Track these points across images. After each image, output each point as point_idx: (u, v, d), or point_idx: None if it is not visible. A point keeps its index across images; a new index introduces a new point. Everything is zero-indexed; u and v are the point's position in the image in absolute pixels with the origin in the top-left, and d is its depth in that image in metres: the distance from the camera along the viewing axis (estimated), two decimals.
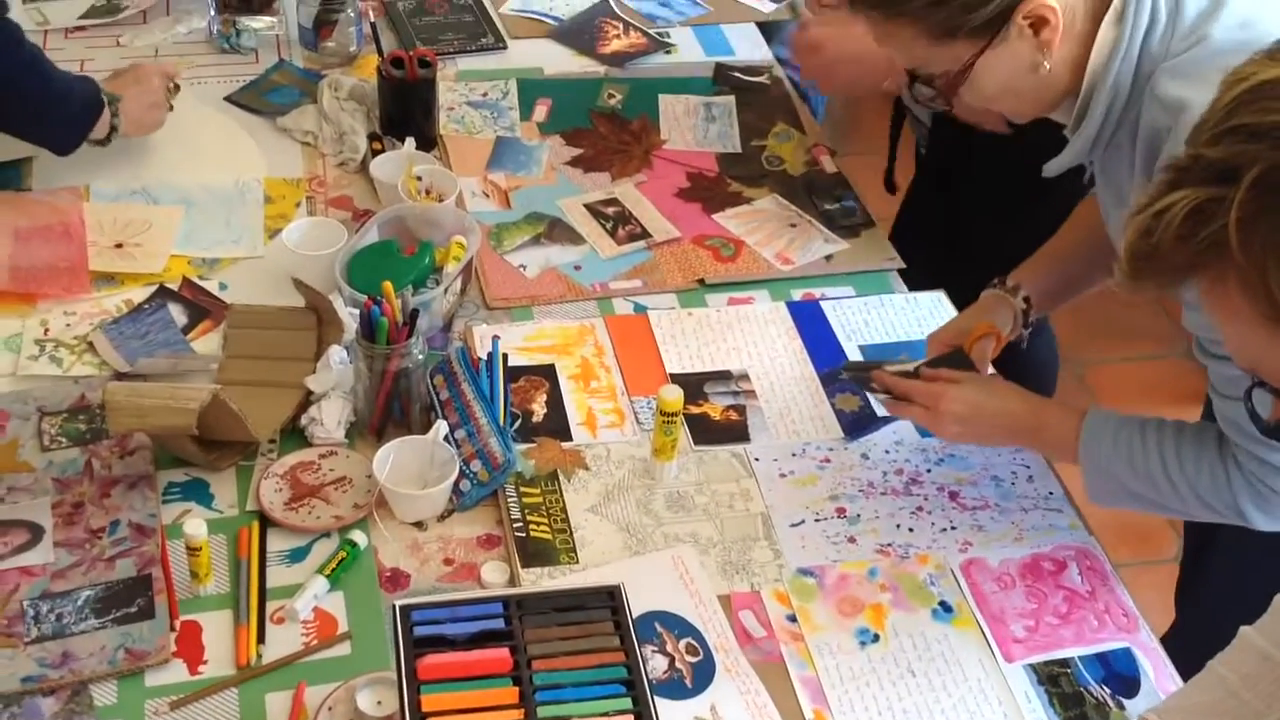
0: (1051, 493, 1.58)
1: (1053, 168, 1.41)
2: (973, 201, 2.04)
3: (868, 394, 1.63)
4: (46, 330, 1.67)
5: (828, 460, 1.60)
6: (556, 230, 1.92)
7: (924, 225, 2.17)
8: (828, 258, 1.90)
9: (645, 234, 1.92)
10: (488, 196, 1.97)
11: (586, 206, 1.96)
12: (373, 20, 2.11)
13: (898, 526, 1.52)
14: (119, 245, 1.79)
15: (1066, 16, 1.28)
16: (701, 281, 1.85)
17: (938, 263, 1.93)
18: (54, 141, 1.83)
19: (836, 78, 1.97)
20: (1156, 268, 0.95)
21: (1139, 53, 1.28)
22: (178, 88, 1.98)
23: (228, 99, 2.09)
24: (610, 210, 1.96)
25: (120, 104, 1.85)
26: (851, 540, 1.51)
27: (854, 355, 1.74)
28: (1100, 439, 1.40)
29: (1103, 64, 1.30)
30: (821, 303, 1.83)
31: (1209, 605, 1.80)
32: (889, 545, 1.50)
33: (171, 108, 1.96)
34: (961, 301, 1.74)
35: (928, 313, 1.81)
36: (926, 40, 1.32)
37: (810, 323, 1.79)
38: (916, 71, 1.38)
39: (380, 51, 2.02)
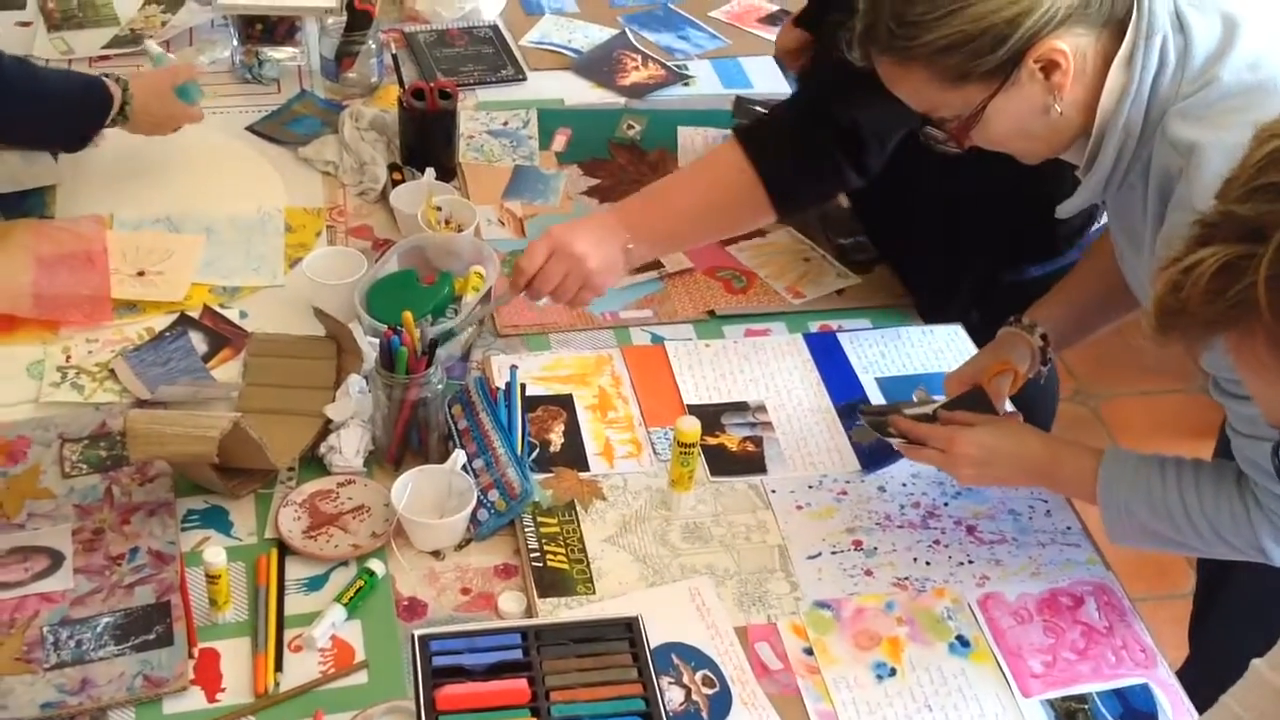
0: (1069, 527, 1.58)
1: (1065, 210, 1.42)
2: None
3: (884, 438, 1.62)
4: (69, 357, 1.68)
5: (844, 493, 1.60)
6: None
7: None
8: (839, 292, 1.91)
9: (657, 264, 1.93)
10: (502, 224, 1.99)
11: None
12: (394, 52, 2.13)
13: (915, 560, 1.52)
14: (141, 273, 1.80)
15: (1077, 60, 1.29)
16: (712, 313, 1.86)
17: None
18: (63, 138, 1.84)
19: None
20: (1185, 323, 0.95)
21: (1149, 95, 1.29)
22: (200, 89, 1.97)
23: (250, 129, 2.11)
24: None
25: (132, 88, 1.84)
26: (868, 573, 1.51)
27: (871, 387, 1.75)
28: (1119, 479, 1.40)
29: (1113, 107, 1.30)
30: (838, 335, 1.83)
31: (1223, 638, 1.80)
32: (906, 579, 1.50)
33: (201, 116, 1.95)
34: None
35: (944, 345, 1.81)
36: (938, 85, 1.33)
37: (827, 355, 1.80)
38: (929, 115, 1.38)
39: (401, 83, 2.04)
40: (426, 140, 2.01)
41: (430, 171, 1.94)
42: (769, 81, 2.35)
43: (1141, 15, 1.29)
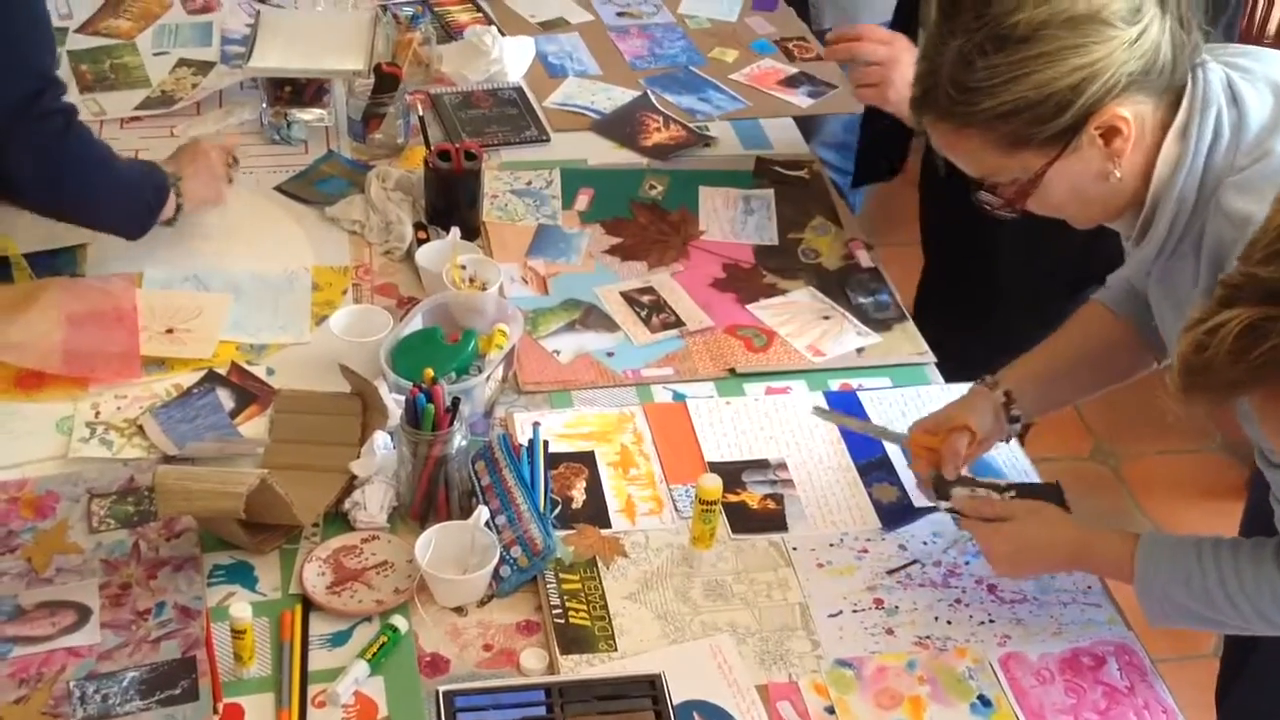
0: (1090, 587, 1.58)
1: (1116, 279, 1.43)
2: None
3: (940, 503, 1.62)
4: (97, 413, 1.70)
5: (865, 550, 1.61)
6: (591, 317, 1.95)
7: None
8: (859, 350, 1.92)
9: (679, 322, 1.94)
10: (526, 283, 2.01)
11: (622, 294, 1.99)
12: (420, 113, 2.16)
13: (936, 619, 1.53)
14: (170, 331, 1.83)
15: (1137, 126, 1.29)
16: (732, 371, 1.87)
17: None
18: (126, 229, 1.89)
19: (895, 91, 1.97)
20: (1209, 383, 0.96)
21: (1203, 167, 1.29)
22: (237, 161, 2.05)
23: (278, 189, 2.14)
24: (645, 298, 1.99)
25: (182, 184, 1.91)
26: (889, 632, 1.51)
27: (891, 447, 1.75)
28: (1156, 565, 1.40)
29: (1167, 178, 1.31)
30: (859, 393, 1.84)
31: (1252, 704, 1.79)
32: (927, 638, 1.50)
33: (231, 180, 2.02)
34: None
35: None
36: (995, 150, 1.32)
37: (847, 412, 1.80)
38: (984, 180, 1.38)
39: (427, 144, 2.07)
40: (451, 200, 2.04)
41: (455, 231, 1.97)
42: (788, 143, 2.38)
43: (1196, 87, 1.30)
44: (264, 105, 2.27)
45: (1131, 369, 1.62)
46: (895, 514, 1.65)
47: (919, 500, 1.65)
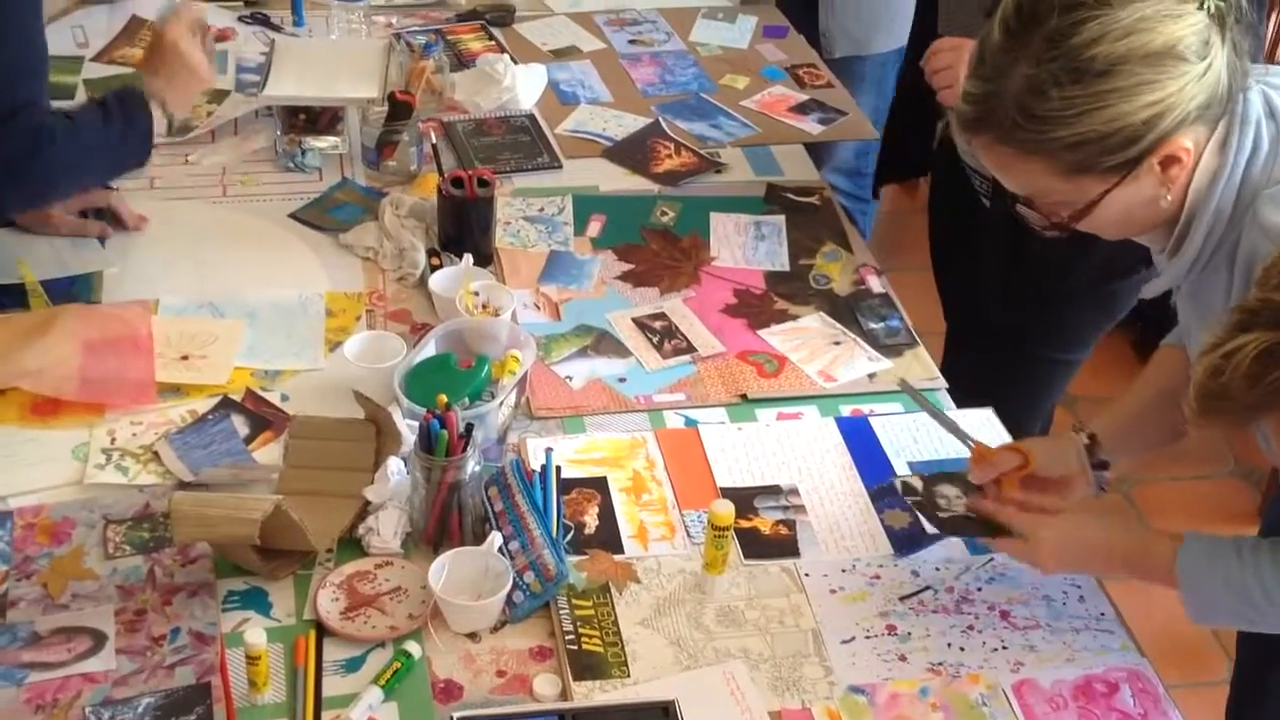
0: (1103, 613, 1.58)
1: (1149, 291, 1.44)
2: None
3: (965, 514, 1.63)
4: (113, 439, 1.71)
5: (878, 577, 1.61)
6: (604, 343, 1.96)
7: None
8: (871, 376, 1.93)
9: (690, 348, 1.95)
10: (539, 309, 2.02)
11: (634, 320, 2.00)
12: (433, 141, 2.18)
13: (949, 645, 1.53)
14: (185, 357, 1.84)
15: (1194, 153, 1.31)
16: (744, 396, 1.88)
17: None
18: (132, 169, 1.94)
19: None
20: (1226, 407, 0.97)
21: (1241, 180, 1.31)
22: (208, 30, 2.00)
23: (292, 215, 2.16)
24: (657, 324, 2.00)
25: (165, 94, 1.90)
26: (902, 658, 1.51)
27: (903, 471, 1.76)
28: (1198, 564, 1.40)
29: (1205, 190, 1.32)
30: (870, 419, 1.85)
31: None
32: (940, 664, 1.50)
33: (212, 56, 2.00)
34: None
35: (976, 430, 1.82)
36: (1055, 176, 1.32)
37: (859, 438, 1.81)
38: (1031, 199, 1.38)
39: (440, 171, 2.09)
40: (464, 227, 2.05)
41: (468, 257, 1.98)
42: (799, 169, 2.39)
43: (1236, 103, 1.31)
44: (279, 133, 2.28)
45: None
46: (907, 540, 1.66)
47: (931, 526, 1.65)
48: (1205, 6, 1.27)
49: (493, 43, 2.70)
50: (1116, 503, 3.13)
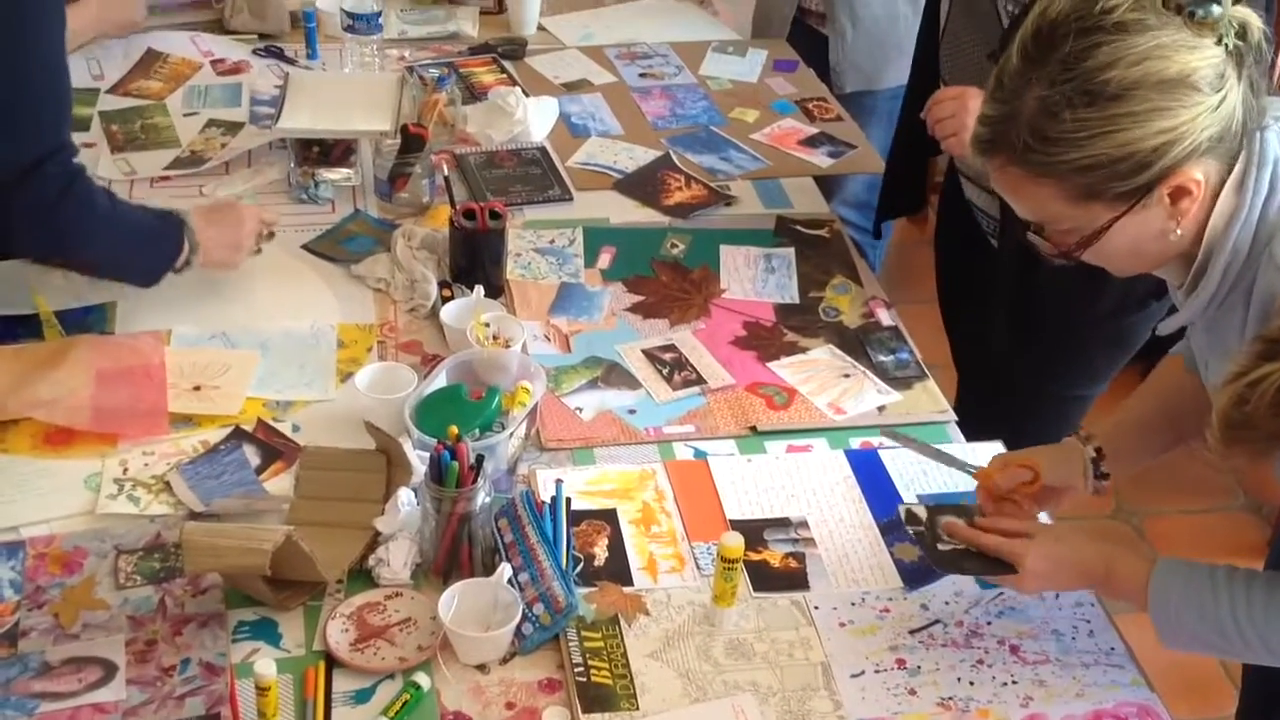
0: (1113, 648, 1.58)
1: (1165, 327, 1.44)
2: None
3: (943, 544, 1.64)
4: (125, 469, 1.72)
5: (887, 610, 1.61)
6: (614, 374, 1.96)
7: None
8: (880, 408, 1.93)
9: (700, 380, 1.96)
10: (549, 340, 2.03)
11: (644, 352, 2.01)
12: (445, 173, 2.19)
13: (958, 679, 1.52)
14: (197, 388, 1.85)
15: (1204, 187, 1.31)
16: (754, 429, 1.88)
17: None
18: (132, 280, 1.93)
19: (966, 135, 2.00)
20: (1249, 436, 0.97)
21: (1258, 220, 1.31)
22: (271, 235, 2.08)
23: (305, 247, 2.17)
24: (667, 356, 2.00)
25: (200, 240, 1.92)
26: (912, 692, 1.50)
27: (912, 504, 1.76)
28: (1170, 588, 1.41)
29: (1222, 229, 1.32)
30: (880, 451, 1.85)
31: None
32: (950, 699, 1.50)
33: (259, 251, 2.05)
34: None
35: (986, 462, 1.82)
36: (1065, 201, 1.33)
37: (868, 471, 1.81)
38: (1041, 226, 1.39)
39: (452, 203, 2.10)
40: (476, 258, 2.06)
41: (479, 289, 1.99)
42: (808, 202, 2.40)
43: (1253, 142, 1.32)
44: (292, 165, 2.30)
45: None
46: (917, 573, 1.66)
47: (928, 559, 1.65)
48: (1224, 43, 1.28)
49: (505, 76, 2.72)
50: (1126, 535, 3.13)
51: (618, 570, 1.64)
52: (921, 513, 1.66)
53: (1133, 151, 1.28)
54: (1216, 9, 1.27)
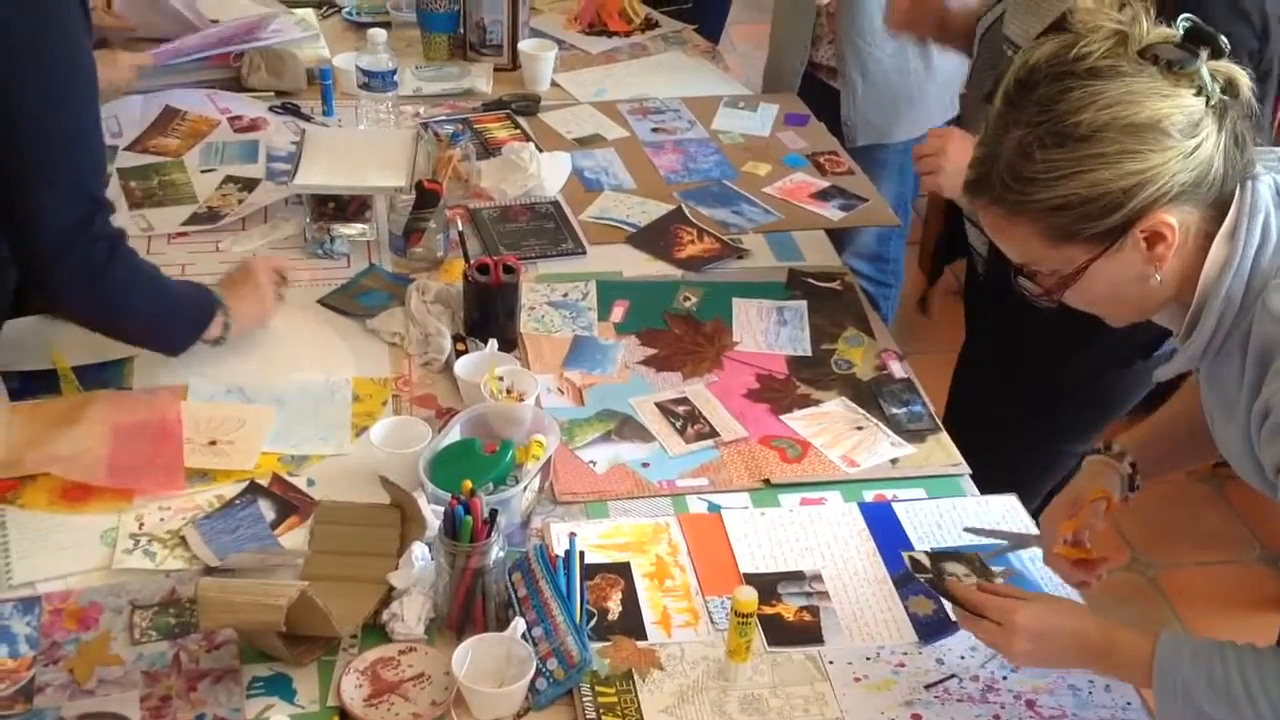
0: (1129, 703, 1.57)
1: (1163, 373, 1.45)
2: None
3: (941, 599, 1.64)
4: (141, 524, 1.72)
5: (902, 665, 1.60)
6: (627, 428, 1.97)
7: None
8: (894, 461, 1.93)
9: (713, 433, 1.96)
10: (562, 393, 2.03)
11: (657, 405, 2.02)
12: (460, 228, 2.21)
13: None
14: (213, 443, 1.85)
15: (1181, 234, 1.33)
16: (767, 481, 1.88)
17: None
18: (164, 348, 1.95)
19: (947, 179, 2.05)
20: None
21: (1250, 268, 1.33)
22: (286, 279, 2.11)
23: (320, 301, 2.19)
24: (680, 409, 2.01)
25: (231, 307, 1.96)
26: None
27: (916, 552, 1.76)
28: (1177, 661, 1.39)
29: (1215, 278, 1.34)
30: (893, 504, 1.85)
31: None
32: None
33: (282, 297, 2.08)
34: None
35: (1000, 516, 1.83)
36: (1043, 241, 1.36)
37: (882, 524, 1.81)
38: (1025, 267, 1.42)
39: (466, 257, 2.12)
40: (490, 312, 2.08)
41: (493, 342, 2.00)
42: (820, 255, 2.41)
43: (1245, 193, 1.34)
44: (308, 220, 2.32)
45: None
46: (932, 627, 1.65)
47: (954, 614, 1.64)
48: (1206, 95, 1.30)
49: (518, 131, 2.75)
50: (1140, 587, 3.11)
51: (631, 624, 1.64)
52: (925, 559, 1.66)
53: (1103, 193, 1.31)
54: (1193, 62, 1.30)
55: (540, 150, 2.57)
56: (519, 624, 1.54)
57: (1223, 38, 1.32)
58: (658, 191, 2.56)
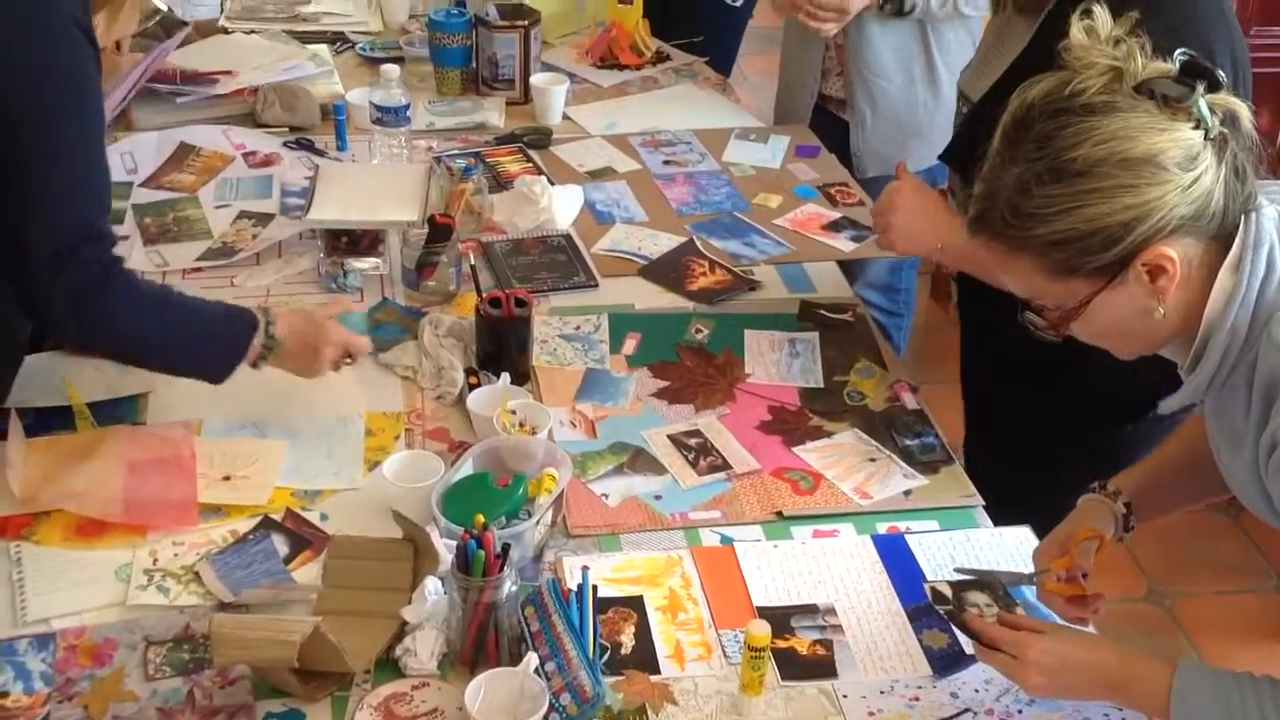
0: None
1: (1168, 405, 1.46)
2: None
3: (955, 630, 1.64)
4: (155, 560, 1.73)
5: (917, 698, 1.59)
6: (639, 460, 1.97)
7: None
8: (906, 493, 1.93)
9: (726, 465, 1.96)
10: (575, 426, 2.04)
11: (670, 437, 2.02)
12: (472, 261, 2.22)
13: None
14: (227, 478, 1.86)
15: (1183, 267, 1.33)
16: (780, 514, 1.88)
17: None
18: (203, 373, 1.89)
19: (897, 236, 2.08)
20: None
21: (1255, 300, 1.33)
22: (352, 360, 2.01)
23: None
24: (693, 441, 2.01)
25: (283, 349, 1.90)
26: None
27: (941, 590, 1.75)
28: (1195, 691, 1.39)
29: (1219, 310, 1.34)
30: (906, 536, 1.85)
31: None
32: None
33: (337, 369, 1.99)
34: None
35: (1013, 548, 1.82)
36: (1044, 275, 1.37)
37: (895, 556, 1.81)
38: (1030, 301, 1.43)
39: (479, 291, 2.13)
40: (502, 346, 2.08)
41: (505, 376, 2.01)
42: (832, 286, 2.42)
43: (1249, 225, 1.34)
44: (321, 255, 2.33)
45: None
46: (946, 660, 1.64)
47: (969, 647, 1.64)
48: (1205, 128, 1.31)
49: (530, 164, 2.76)
50: (1157, 618, 3.09)
51: (644, 658, 1.63)
52: (946, 590, 1.65)
53: (1101, 227, 1.32)
54: (1190, 96, 1.31)
55: (552, 183, 2.59)
56: (532, 659, 1.54)
57: (1220, 72, 1.33)
58: (669, 224, 2.57)
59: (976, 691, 1.60)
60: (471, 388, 2.03)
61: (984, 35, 2.12)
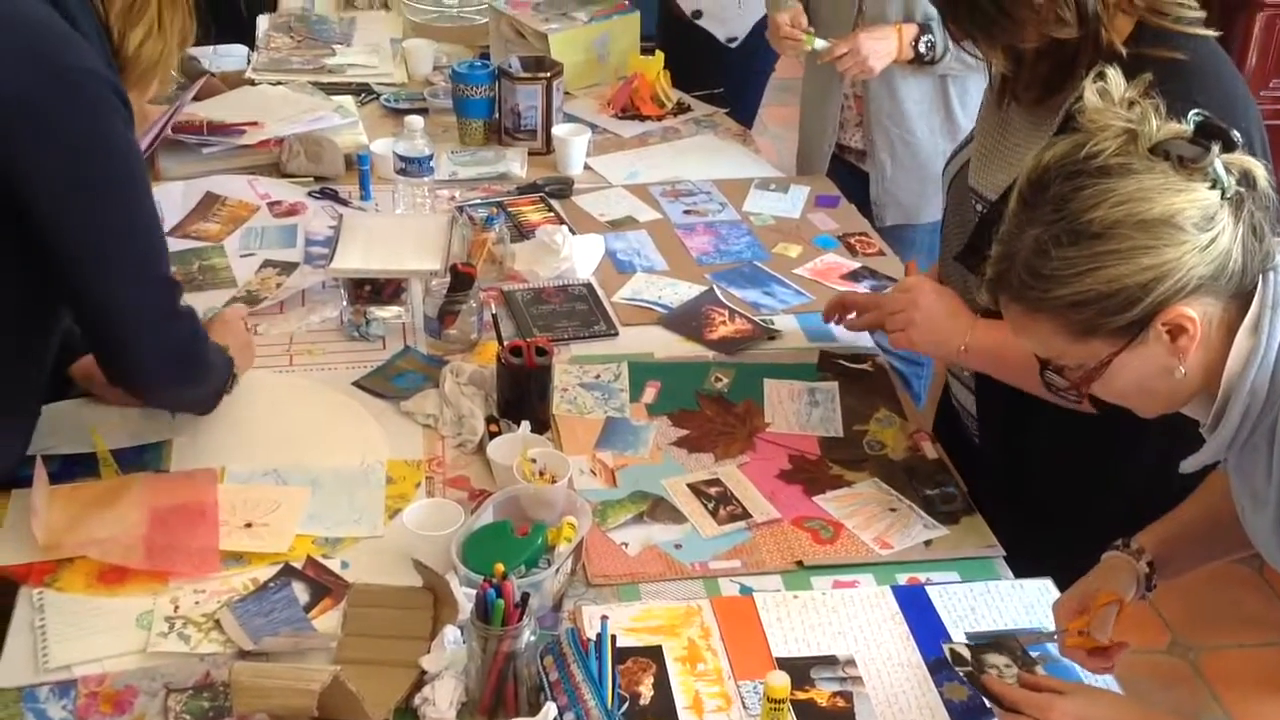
0: None
1: (1189, 465, 1.45)
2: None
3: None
4: (176, 607, 1.73)
5: None
6: (659, 509, 1.97)
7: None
8: (927, 543, 1.93)
9: (746, 514, 1.96)
10: (595, 474, 2.04)
11: (690, 486, 2.02)
12: (493, 310, 2.24)
13: None
14: (249, 525, 1.87)
15: (1204, 326, 1.33)
16: (800, 564, 1.88)
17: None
18: (202, 410, 2.03)
19: (919, 334, 2.04)
20: None
21: (1275, 360, 1.33)
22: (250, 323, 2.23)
23: (355, 383, 2.21)
24: (713, 490, 2.01)
25: (237, 361, 2.05)
26: None
27: (960, 640, 1.74)
28: None
29: (1239, 371, 1.34)
30: (927, 588, 1.84)
31: None
32: None
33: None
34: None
35: (1035, 600, 1.81)
36: (1065, 336, 1.37)
37: (916, 608, 1.80)
38: (1050, 361, 1.43)
39: (500, 339, 2.14)
40: (523, 394, 2.09)
41: (525, 424, 2.01)
42: (851, 335, 2.42)
43: (1267, 284, 1.34)
44: (344, 303, 2.35)
45: None
46: (968, 714, 1.63)
47: (985, 700, 1.63)
48: (1221, 188, 1.31)
49: (552, 214, 2.78)
50: (1180, 670, 3.06)
51: (663, 710, 1.63)
52: (966, 652, 1.65)
53: (1120, 288, 1.32)
54: (1205, 156, 1.31)
55: (573, 232, 2.61)
56: (550, 709, 1.54)
57: (1235, 132, 1.33)
58: (689, 273, 2.59)
59: None
60: (492, 436, 2.03)
61: (981, 126, 2.07)
